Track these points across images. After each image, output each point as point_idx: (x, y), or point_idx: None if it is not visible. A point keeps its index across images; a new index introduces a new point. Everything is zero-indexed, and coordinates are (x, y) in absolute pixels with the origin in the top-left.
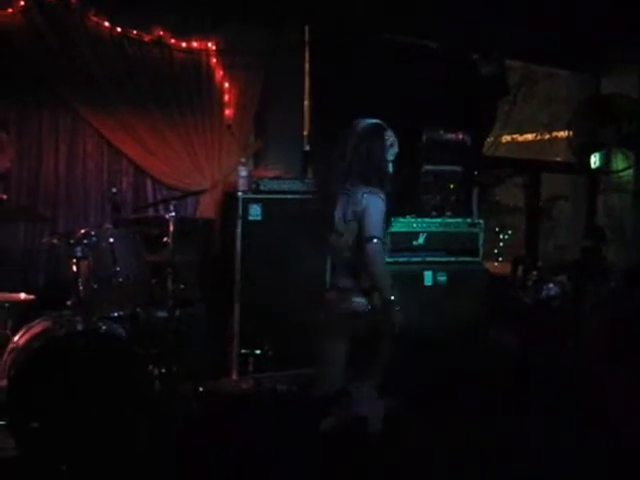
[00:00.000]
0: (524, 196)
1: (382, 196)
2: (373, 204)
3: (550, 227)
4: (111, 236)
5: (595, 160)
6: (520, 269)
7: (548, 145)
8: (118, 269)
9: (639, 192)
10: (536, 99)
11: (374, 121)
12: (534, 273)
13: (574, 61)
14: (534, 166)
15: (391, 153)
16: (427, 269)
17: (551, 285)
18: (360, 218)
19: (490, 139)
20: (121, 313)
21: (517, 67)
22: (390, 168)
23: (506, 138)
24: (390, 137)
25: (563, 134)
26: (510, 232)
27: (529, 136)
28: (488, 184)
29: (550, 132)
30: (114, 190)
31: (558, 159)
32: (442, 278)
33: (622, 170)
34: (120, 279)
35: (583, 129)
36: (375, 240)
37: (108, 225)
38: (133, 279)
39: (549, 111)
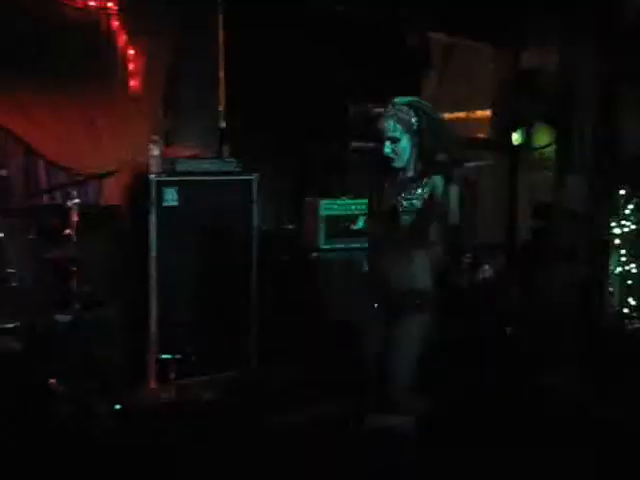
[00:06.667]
0: None
1: None
2: None
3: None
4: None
5: (517, 137)
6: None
7: (461, 125)
8: (10, 270)
9: (563, 169)
10: (453, 75)
11: None
12: (468, 255)
13: (494, 34)
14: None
15: None
16: None
17: (486, 267)
18: None
19: None
20: (16, 323)
21: (439, 41)
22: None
23: None
24: None
25: (480, 113)
26: None
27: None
28: None
29: (467, 110)
30: (3, 173)
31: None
32: None
33: (545, 146)
34: (13, 283)
35: (505, 105)
36: None
37: None
38: (29, 281)
39: (465, 88)
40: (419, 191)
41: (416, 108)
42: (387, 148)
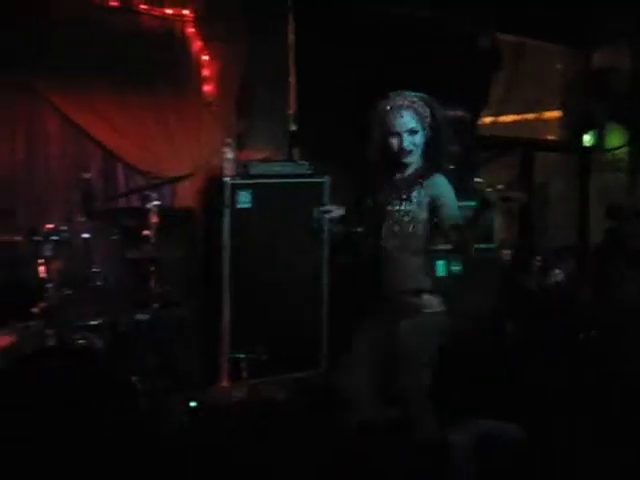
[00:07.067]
0: (513, 176)
1: None
2: None
3: (542, 208)
4: (86, 230)
5: (588, 138)
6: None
7: (531, 126)
8: (95, 270)
9: (636, 170)
10: (523, 75)
11: None
12: (538, 258)
13: (565, 34)
14: (527, 144)
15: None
16: (438, 258)
17: (557, 271)
18: None
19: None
20: (100, 321)
21: (508, 42)
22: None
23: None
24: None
25: (550, 114)
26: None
27: (514, 116)
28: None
29: (537, 112)
30: (87, 176)
31: (550, 137)
32: (456, 268)
33: (617, 148)
34: (97, 282)
35: (576, 106)
36: None
37: (81, 218)
38: (112, 280)
39: (536, 89)
40: (415, 193)
41: (428, 102)
42: (406, 141)
